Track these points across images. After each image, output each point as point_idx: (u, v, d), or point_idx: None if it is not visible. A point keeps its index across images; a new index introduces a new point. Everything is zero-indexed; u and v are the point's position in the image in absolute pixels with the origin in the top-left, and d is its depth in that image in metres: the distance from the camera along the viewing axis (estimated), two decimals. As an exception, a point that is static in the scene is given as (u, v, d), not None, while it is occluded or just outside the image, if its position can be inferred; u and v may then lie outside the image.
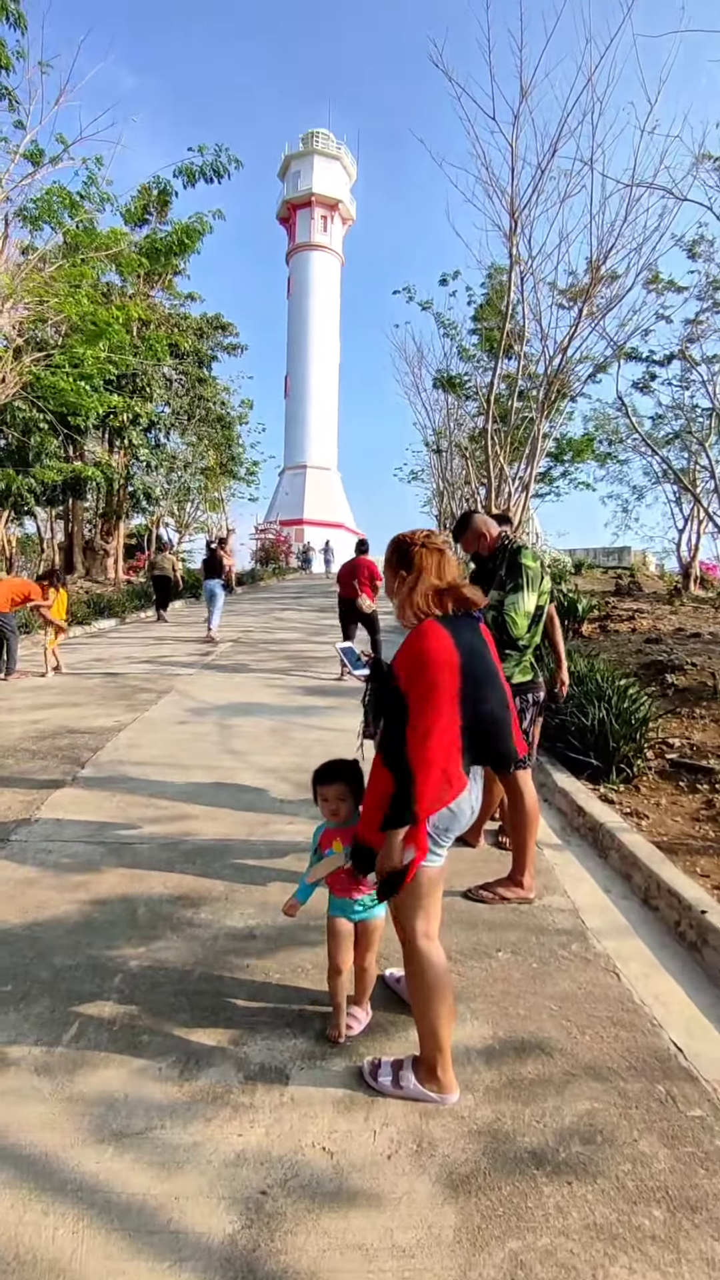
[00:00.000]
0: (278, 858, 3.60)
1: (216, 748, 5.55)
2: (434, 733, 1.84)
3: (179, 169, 13.28)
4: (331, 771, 2.31)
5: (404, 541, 2.15)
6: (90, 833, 3.84)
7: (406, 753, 1.86)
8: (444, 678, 1.87)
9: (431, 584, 2.04)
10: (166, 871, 3.40)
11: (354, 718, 6.69)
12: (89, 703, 6.96)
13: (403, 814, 1.85)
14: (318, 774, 2.32)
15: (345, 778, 2.28)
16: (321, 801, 2.29)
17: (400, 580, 2.11)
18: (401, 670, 1.93)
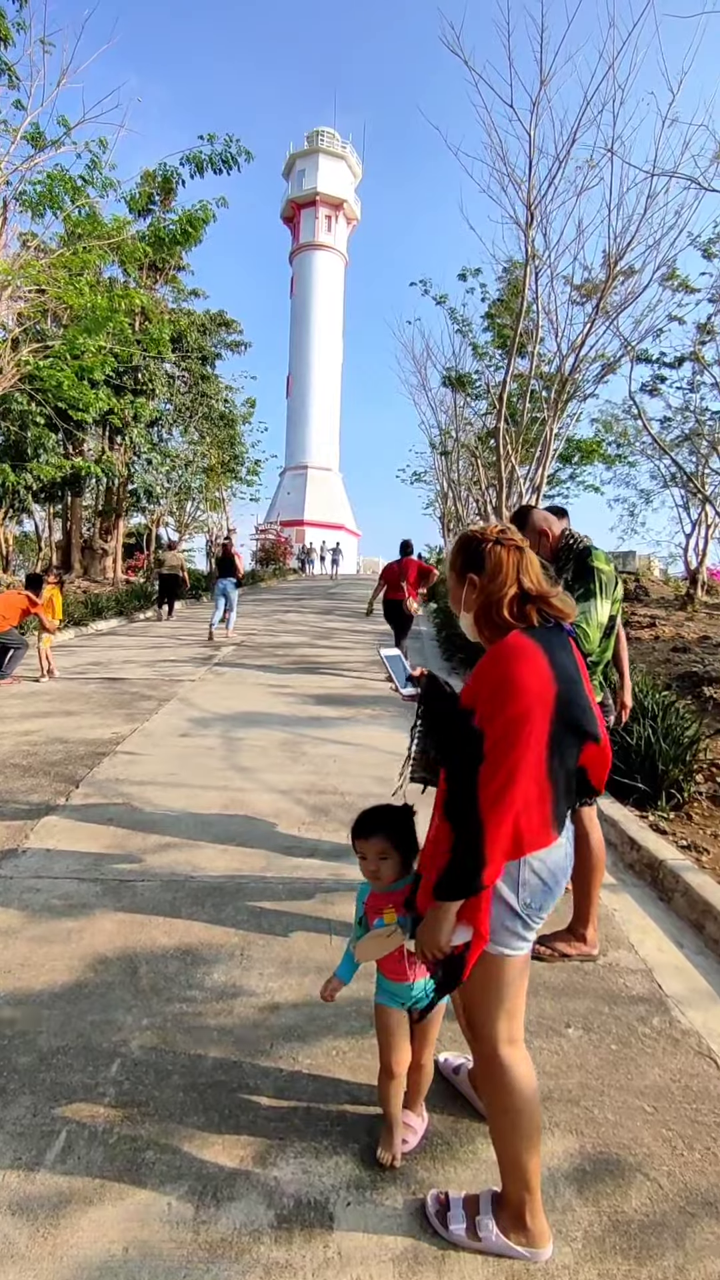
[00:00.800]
0: (299, 899, 3.16)
1: (223, 764, 5.10)
2: (518, 779, 1.41)
3: (187, 157, 12.85)
4: (371, 823, 1.85)
5: (474, 539, 1.70)
6: (84, 867, 3.40)
7: (477, 803, 1.42)
8: (537, 712, 1.44)
9: (513, 589, 1.60)
10: (171, 917, 2.95)
11: (369, 730, 6.27)
12: (85, 711, 6.51)
13: (462, 881, 1.42)
14: (355, 826, 1.87)
15: (388, 830, 1.83)
16: (360, 860, 1.85)
17: (471, 586, 1.66)
18: (479, 698, 1.49)
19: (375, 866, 1.80)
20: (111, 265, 18.51)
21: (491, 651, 1.53)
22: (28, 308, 11.34)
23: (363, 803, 4.51)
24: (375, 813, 1.87)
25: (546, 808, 1.49)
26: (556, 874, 1.54)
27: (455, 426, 21.82)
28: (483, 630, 1.63)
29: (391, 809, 1.89)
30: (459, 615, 1.75)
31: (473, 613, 1.64)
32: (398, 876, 1.80)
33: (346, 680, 8.52)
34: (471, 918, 1.45)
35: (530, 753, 1.43)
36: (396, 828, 1.83)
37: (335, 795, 4.51)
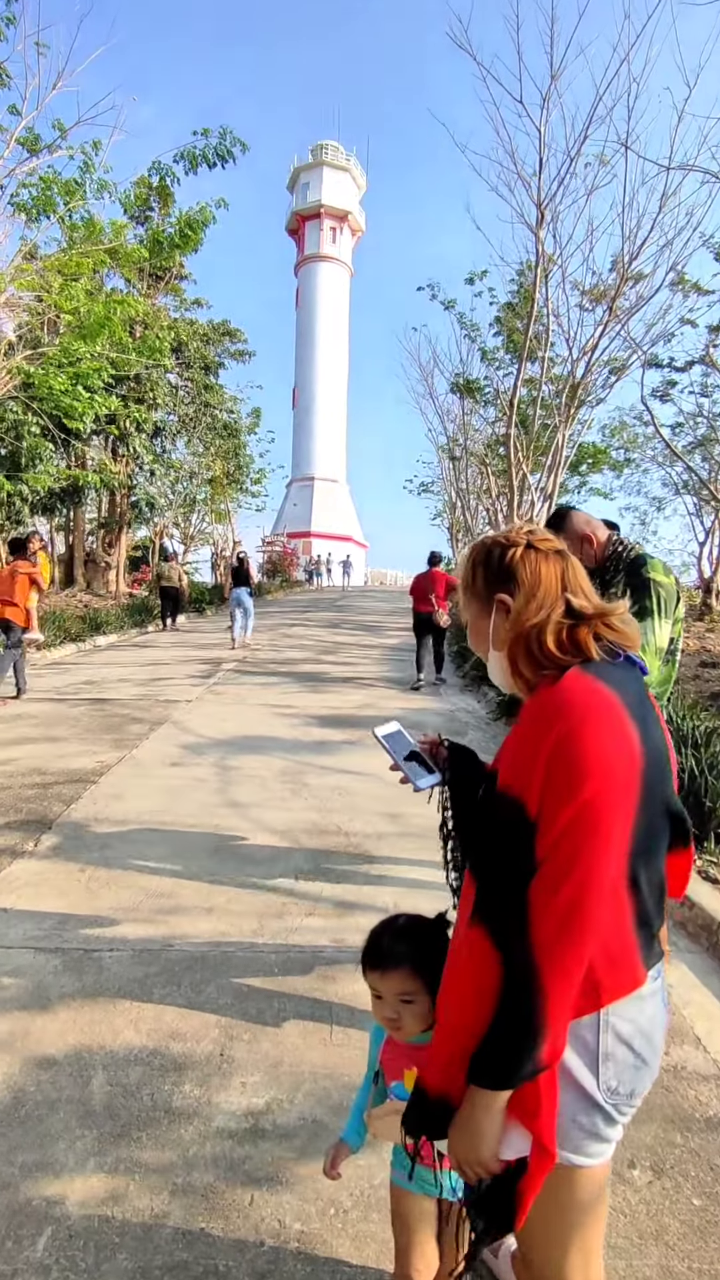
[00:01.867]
0: (293, 974, 2.66)
1: (215, 798, 4.61)
2: (592, 897, 0.91)
3: (180, 153, 12.50)
4: (387, 950, 1.31)
5: (498, 546, 1.18)
6: (46, 932, 2.91)
7: (529, 935, 0.93)
8: (618, 794, 0.94)
9: (559, 610, 1.10)
10: (141, 1000, 2.46)
11: (377, 756, 5.68)
12: (70, 737, 6.04)
13: (509, 1057, 0.92)
14: (367, 953, 1.35)
15: (414, 960, 1.28)
16: (373, 999, 1.33)
17: (501, 611, 1.15)
18: (525, 774, 0.99)
19: (395, 1013, 1.28)
20: (111, 275, 18.28)
21: (540, 702, 1.02)
22: (20, 312, 10.98)
23: (372, 845, 4.05)
24: (393, 933, 1.35)
25: (631, 937, 1.00)
26: (652, 1036, 1.03)
27: (463, 434, 21.41)
28: (521, 672, 1.10)
29: (416, 926, 1.37)
30: (484, 653, 1.24)
31: (508, 648, 1.13)
32: (427, 1025, 1.30)
33: (353, 699, 8.03)
34: (528, 1117, 0.95)
35: (610, 857, 0.93)
36: (425, 956, 1.30)
37: (340, 836, 4.01)
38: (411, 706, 7.69)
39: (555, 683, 1.01)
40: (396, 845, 3.91)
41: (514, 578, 1.13)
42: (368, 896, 3.30)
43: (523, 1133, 0.95)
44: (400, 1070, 1.31)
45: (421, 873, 3.57)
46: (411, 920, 1.39)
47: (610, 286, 13.83)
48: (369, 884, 3.43)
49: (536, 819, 0.94)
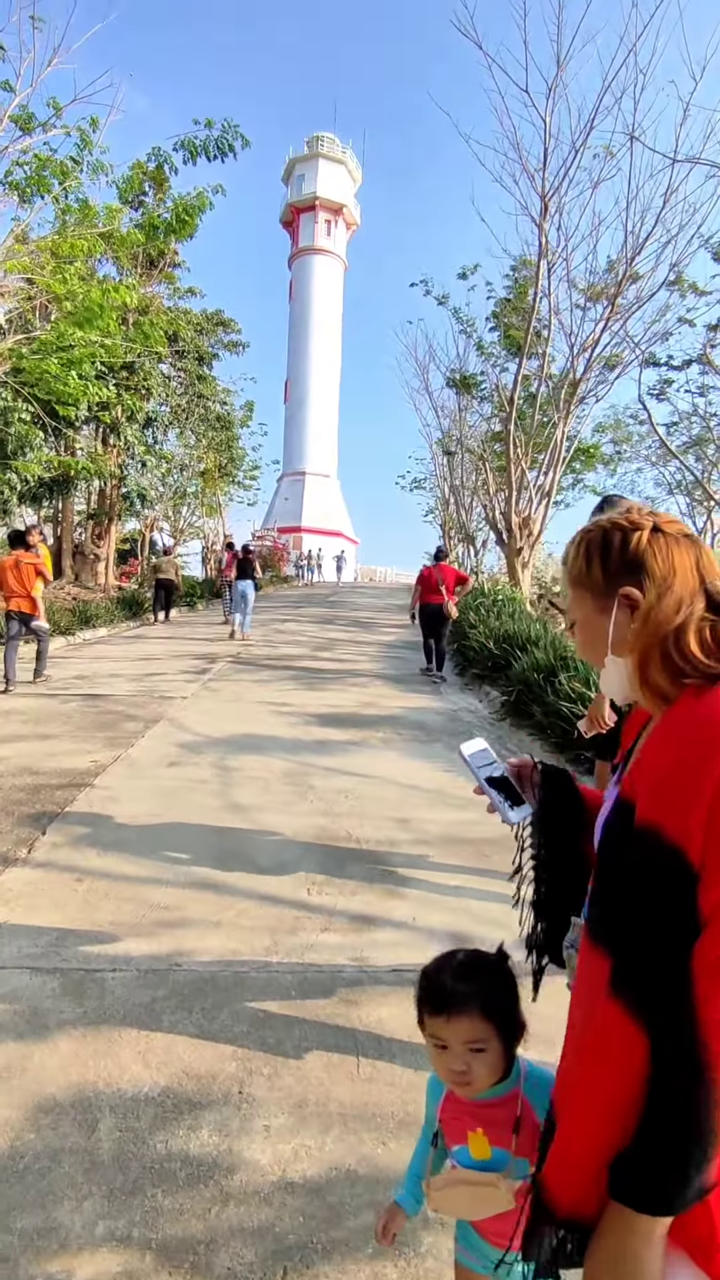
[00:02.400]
0: (313, 997, 2.46)
1: (217, 800, 4.40)
2: None
3: (180, 142, 12.20)
4: (454, 990, 1.10)
5: (618, 530, 0.97)
6: (42, 949, 2.69)
7: (695, 1009, 0.73)
8: None
9: (700, 605, 0.89)
10: (149, 1029, 2.25)
11: (382, 757, 5.55)
12: (62, 734, 5.80)
13: (675, 1171, 0.72)
14: (427, 993, 1.14)
15: (483, 1002, 1.09)
16: (434, 1048, 1.12)
17: (626, 608, 0.95)
18: (685, 816, 0.78)
19: (464, 1065, 1.07)
20: (104, 261, 17.92)
21: (697, 721, 0.81)
22: (11, 295, 10.67)
23: (385, 855, 3.84)
24: (454, 971, 1.14)
25: None
26: None
27: (459, 430, 21.23)
28: (653, 681, 0.90)
29: (478, 962, 1.18)
30: (596, 659, 1.04)
31: (637, 653, 0.92)
32: (499, 1076, 1.11)
33: (352, 697, 7.83)
34: (699, 1250, 0.75)
35: None
36: (494, 996, 1.11)
37: (351, 843, 3.81)
38: (411, 706, 7.50)
39: (706, 695, 0.82)
40: (410, 853, 3.72)
41: (642, 568, 0.92)
42: (385, 910, 3.11)
43: (693, 1271, 0.75)
44: (464, 1132, 1.11)
45: (438, 882, 3.39)
46: (471, 956, 1.20)
47: (611, 284, 13.70)
48: (385, 895, 3.24)
49: (701, 868, 0.75)
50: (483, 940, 2.90)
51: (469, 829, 4.09)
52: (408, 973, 2.62)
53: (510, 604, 11.43)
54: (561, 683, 5.59)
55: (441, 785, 4.88)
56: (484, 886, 3.36)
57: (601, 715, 3.14)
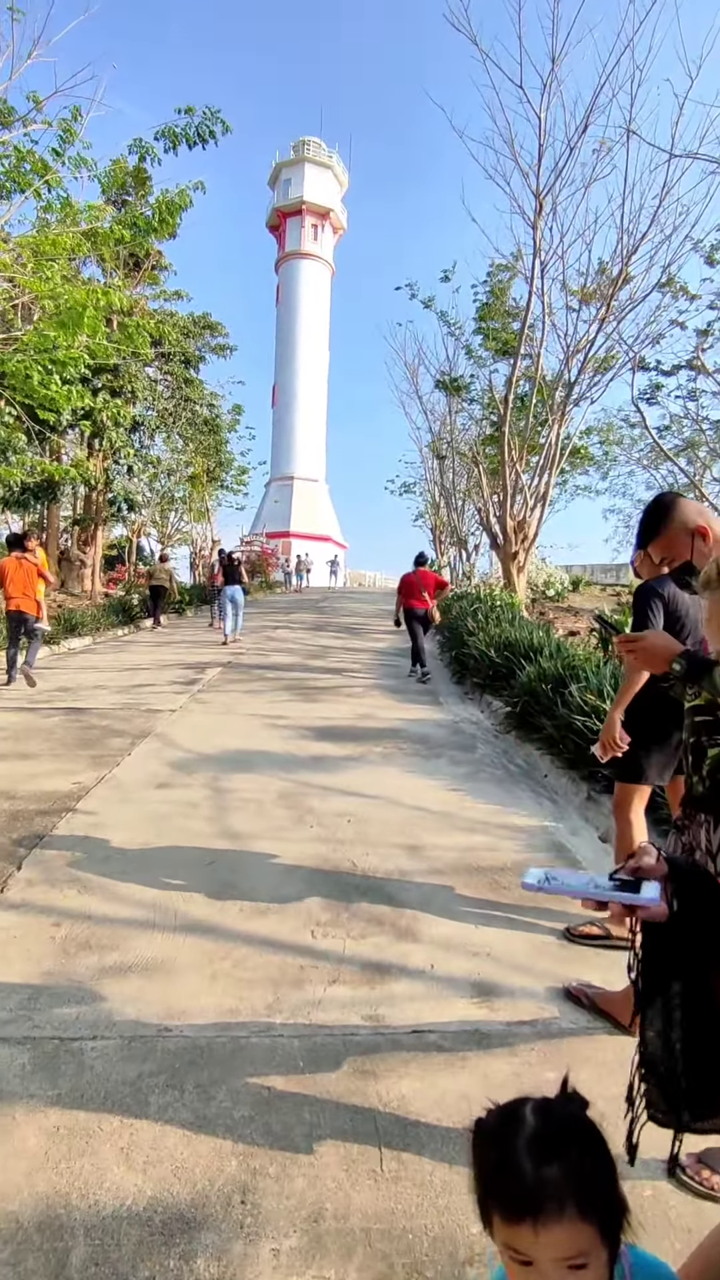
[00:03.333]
0: (323, 1068, 2.14)
1: (209, 827, 4.07)
2: None
3: (161, 131, 11.89)
4: (534, 1177, 0.74)
5: None
6: (12, 1014, 2.35)
7: None
8: None
9: None
10: (134, 1115, 1.92)
11: (382, 774, 5.16)
12: (44, 753, 5.45)
13: None
14: (493, 1189, 0.78)
15: (579, 1189, 0.74)
16: (511, 1261, 0.76)
17: None
18: None
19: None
20: (88, 263, 17.58)
21: None
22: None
23: (393, 888, 3.48)
24: (535, 1148, 0.76)
25: None
26: None
27: (449, 432, 21.00)
28: None
29: (563, 1126, 0.80)
30: None
31: None
32: None
33: (349, 708, 7.52)
34: None
35: None
36: (592, 1181, 0.76)
37: (356, 875, 3.50)
38: (411, 717, 7.20)
39: None
40: (421, 884, 3.41)
41: None
42: (398, 956, 2.79)
43: None
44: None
45: (454, 919, 3.08)
46: (547, 1118, 0.79)
47: (605, 284, 13.51)
48: (397, 937, 2.92)
49: None
50: (512, 992, 2.60)
51: (482, 856, 3.78)
52: (429, 1034, 2.31)
53: (509, 610, 11.16)
54: (573, 694, 5.30)
55: (448, 805, 4.58)
56: (505, 924, 3.05)
57: (614, 739, 2.92)
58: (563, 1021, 2.40)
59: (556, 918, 3.13)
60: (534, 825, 4.31)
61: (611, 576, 31.49)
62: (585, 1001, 2.48)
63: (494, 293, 18.22)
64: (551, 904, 3.25)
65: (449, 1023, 2.39)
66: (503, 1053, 2.24)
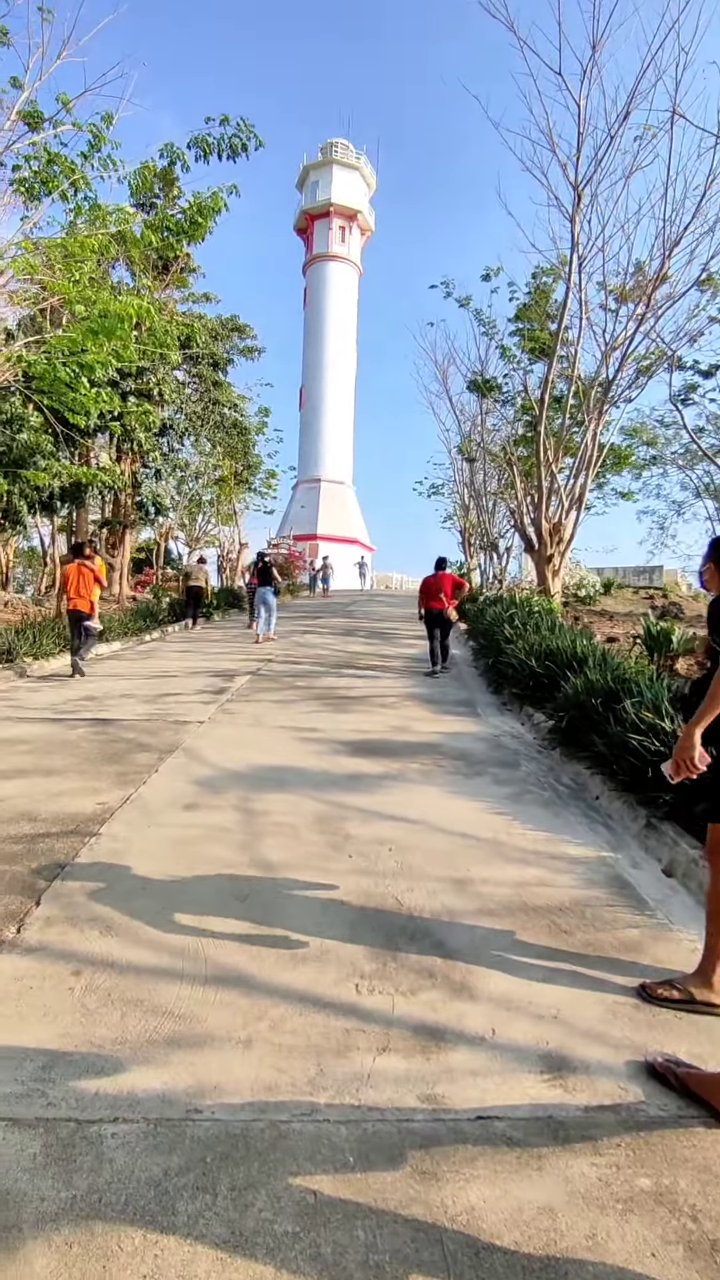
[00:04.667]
0: (377, 1167, 1.84)
1: (239, 855, 3.80)
2: None
3: (194, 139, 11.73)
4: None
5: None
6: (25, 1087, 2.09)
7: None
8: None
9: None
10: (158, 1229, 1.64)
11: (422, 794, 4.76)
12: (68, 769, 5.23)
13: None
14: None
15: None
16: None
17: None
18: None
19: None
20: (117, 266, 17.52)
21: None
22: (20, 298, 10.20)
23: (443, 931, 3.09)
24: None
25: None
26: None
27: (480, 433, 20.61)
28: None
29: None
30: None
31: None
32: None
33: (382, 720, 7.22)
34: None
35: None
36: None
37: (401, 915, 3.19)
38: (449, 730, 6.88)
39: None
40: (472, 926, 3.10)
41: None
42: (454, 1017, 2.48)
43: None
44: None
45: (512, 971, 2.76)
46: None
47: (645, 282, 13.07)
48: (451, 995, 2.62)
49: None
50: (586, 1066, 2.28)
51: (537, 893, 3.46)
52: (497, 1123, 2.00)
53: (546, 615, 10.78)
54: (626, 710, 4.94)
55: (496, 832, 4.25)
56: (570, 979, 2.73)
57: (692, 759, 2.51)
58: (650, 1107, 2.08)
59: (627, 970, 2.80)
60: (590, 856, 3.97)
61: (644, 579, 30.77)
62: (673, 1081, 2.16)
63: (535, 295, 17.84)
64: (620, 953, 2.93)
65: (518, 1106, 2.07)
66: (584, 1149, 1.92)
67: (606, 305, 13.91)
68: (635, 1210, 1.72)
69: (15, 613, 15.31)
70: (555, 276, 16.43)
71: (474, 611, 14.88)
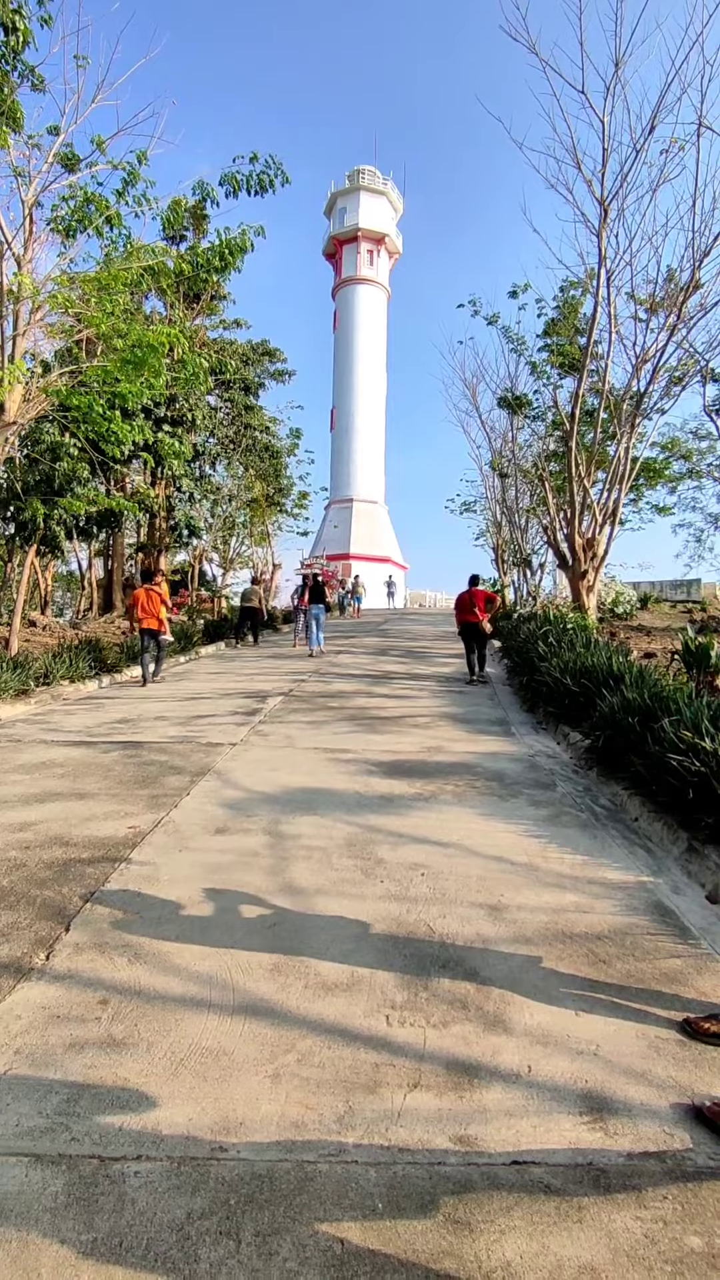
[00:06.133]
0: (408, 1215, 1.76)
1: (270, 881, 3.75)
2: None
3: (224, 176, 12.03)
4: None
5: None
6: (49, 1120, 2.06)
7: None
8: None
9: None
10: (180, 1278, 1.59)
11: (456, 816, 4.64)
12: (100, 792, 5.26)
13: None
14: None
15: None
16: None
17: None
18: None
19: None
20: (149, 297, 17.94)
21: None
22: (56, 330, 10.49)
23: (476, 959, 2.96)
24: None
25: None
26: None
27: (511, 450, 20.53)
28: None
29: None
30: None
31: None
32: None
33: (415, 740, 7.14)
34: None
35: None
36: None
37: (434, 943, 3.11)
38: (483, 750, 6.77)
39: None
40: (507, 954, 3.00)
41: None
42: (488, 1051, 2.39)
43: None
44: None
45: (549, 1003, 2.65)
46: None
47: (674, 291, 12.95)
48: (485, 1027, 2.52)
49: None
50: (629, 1108, 2.17)
51: (574, 920, 3.34)
52: (534, 1168, 1.91)
53: (581, 633, 10.60)
54: (665, 729, 4.80)
55: (531, 856, 4.14)
56: (609, 1010, 2.61)
57: None
58: (698, 1156, 1.96)
59: (670, 1003, 2.67)
60: (630, 881, 3.84)
61: (681, 593, 30.19)
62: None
63: (564, 309, 17.82)
64: (662, 985, 2.80)
65: (556, 1150, 1.98)
66: (627, 1200, 1.81)
67: (636, 316, 13.81)
68: (686, 1273, 1.61)
69: (53, 636, 15.60)
70: (584, 290, 16.39)
71: (508, 629, 14.74)
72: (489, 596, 11.54)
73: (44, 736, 7.23)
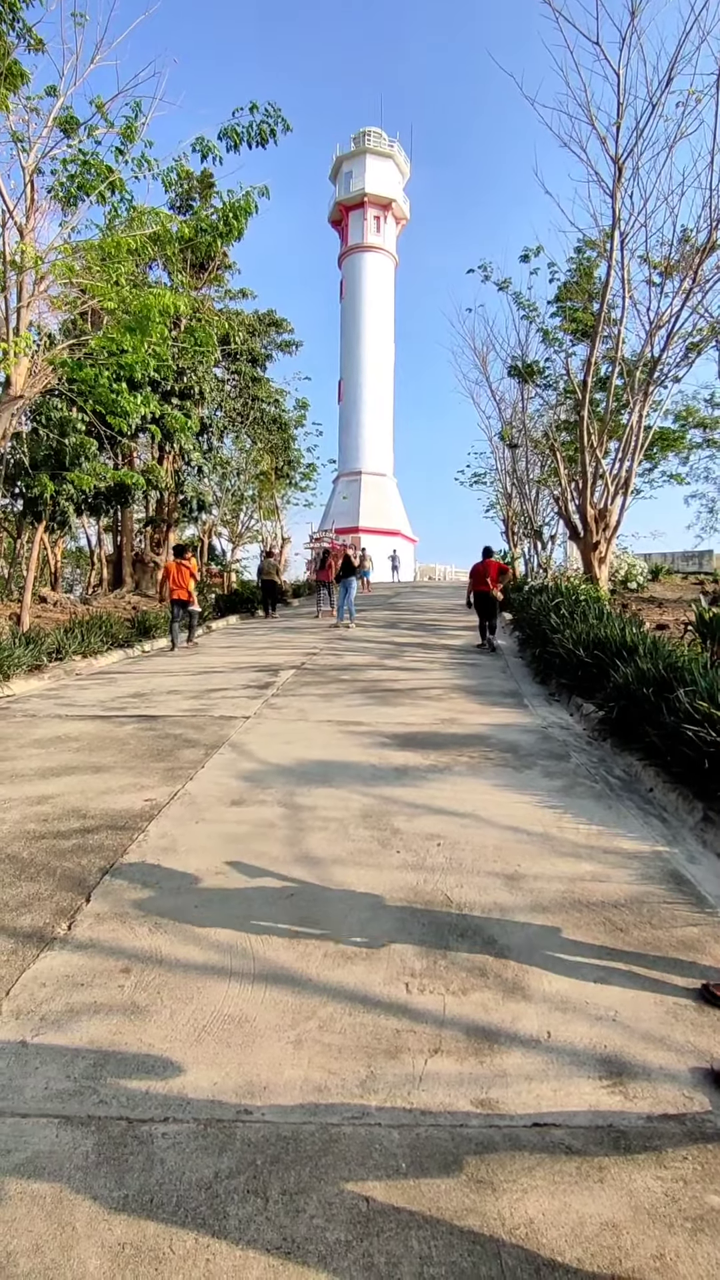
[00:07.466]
0: (431, 1174, 1.79)
1: (287, 851, 3.78)
2: None
3: (224, 130, 11.74)
4: None
5: None
6: (77, 1084, 2.10)
7: None
8: None
9: None
10: (209, 1233, 1.62)
11: (470, 787, 4.69)
12: (116, 765, 5.30)
13: None
14: None
15: None
16: None
17: None
18: None
19: None
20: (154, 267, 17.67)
21: None
22: (61, 300, 10.36)
23: (494, 928, 2.94)
24: None
25: None
26: None
27: (522, 420, 20.24)
28: None
29: None
30: None
31: None
32: None
33: (429, 712, 7.14)
34: None
35: None
36: None
37: (452, 912, 3.13)
38: (497, 722, 6.77)
39: None
40: (525, 924, 3.02)
41: None
42: (508, 1017, 2.41)
43: None
44: None
45: (567, 970, 2.67)
46: None
47: (689, 253, 12.63)
48: (504, 994, 2.55)
49: None
50: (647, 1071, 2.19)
51: (591, 889, 3.36)
52: (555, 1130, 1.93)
53: (593, 604, 10.53)
54: (680, 699, 4.77)
55: (547, 826, 4.15)
56: (627, 979, 2.63)
57: None
58: (717, 1118, 1.98)
59: (688, 971, 2.69)
60: (645, 850, 3.84)
61: (694, 564, 29.92)
62: (742, 1090, 2.06)
63: (579, 271, 17.42)
64: (680, 953, 2.82)
65: (576, 1113, 2.00)
66: (647, 1161, 1.84)
67: (651, 280, 13.50)
68: (706, 1230, 1.63)
69: (64, 612, 15.65)
70: (599, 251, 16.00)
71: (519, 601, 14.67)
72: (502, 568, 12.20)
73: (59, 711, 7.29)
